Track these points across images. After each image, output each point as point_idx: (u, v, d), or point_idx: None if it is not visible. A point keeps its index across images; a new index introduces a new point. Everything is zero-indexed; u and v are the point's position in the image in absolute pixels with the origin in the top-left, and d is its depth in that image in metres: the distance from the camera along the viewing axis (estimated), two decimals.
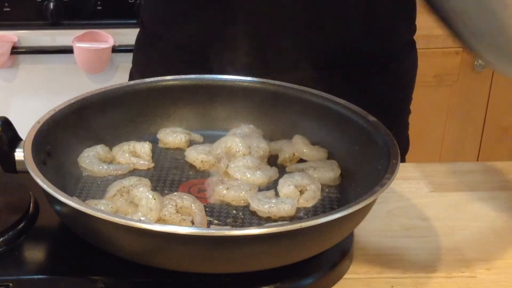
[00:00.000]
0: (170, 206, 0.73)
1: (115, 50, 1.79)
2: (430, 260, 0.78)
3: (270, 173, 0.82)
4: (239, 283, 0.68)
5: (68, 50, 1.79)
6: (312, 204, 0.77)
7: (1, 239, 0.72)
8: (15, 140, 0.75)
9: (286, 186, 0.78)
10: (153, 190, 0.75)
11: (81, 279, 0.68)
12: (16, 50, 1.80)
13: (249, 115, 0.90)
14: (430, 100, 1.98)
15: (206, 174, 0.83)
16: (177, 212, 0.73)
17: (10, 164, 0.74)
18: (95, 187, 0.79)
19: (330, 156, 0.85)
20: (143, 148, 0.84)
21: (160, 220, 0.72)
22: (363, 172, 0.78)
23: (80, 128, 0.83)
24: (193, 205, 0.74)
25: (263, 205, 0.75)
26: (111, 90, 0.86)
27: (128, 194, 0.75)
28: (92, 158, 0.81)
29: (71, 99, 0.83)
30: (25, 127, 0.77)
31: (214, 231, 0.63)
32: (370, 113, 0.82)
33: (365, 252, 0.79)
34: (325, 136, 0.86)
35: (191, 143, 0.88)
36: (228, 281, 0.68)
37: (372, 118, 0.81)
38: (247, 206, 0.76)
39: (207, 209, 0.75)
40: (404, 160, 1.14)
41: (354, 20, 1.00)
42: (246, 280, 0.68)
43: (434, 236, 0.83)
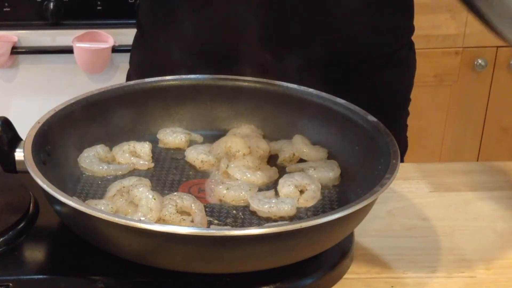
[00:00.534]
0: (170, 206, 0.73)
1: (115, 50, 1.79)
2: (430, 260, 0.78)
3: (270, 173, 0.82)
4: (239, 283, 0.68)
5: (68, 50, 1.79)
6: (312, 204, 0.77)
7: (1, 239, 0.72)
8: (15, 140, 0.75)
9: (286, 186, 0.78)
10: (153, 190, 0.75)
11: (81, 279, 0.68)
12: (16, 50, 1.80)
13: (249, 115, 0.90)
14: (430, 100, 1.97)
15: (206, 174, 0.83)
16: (177, 212, 0.73)
17: (10, 164, 0.74)
18: (95, 187, 0.79)
19: (330, 156, 0.85)
20: (143, 148, 0.84)
21: (160, 220, 0.72)
22: (363, 172, 0.78)
23: (80, 128, 0.83)
24: (193, 205, 0.74)
25: (263, 205, 0.75)
26: (111, 90, 0.86)
27: (128, 194, 0.75)
28: (92, 158, 0.81)
29: (71, 99, 0.83)
30: (25, 127, 0.77)
31: (214, 231, 0.63)
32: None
33: (365, 252, 0.79)
34: (325, 136, 0.86)
35: (191, 143, 0.88)
36: (228, 281, 0.68)
37: (372, 118, 0.81)
38: (247, 206, 0.76)
39: (207, 209, 0.75)
40: (402, 161, 1.14)
41: (351, 21, 1.00)
42: (246, 280, 0.68)
43: (434, 236, 0.82)
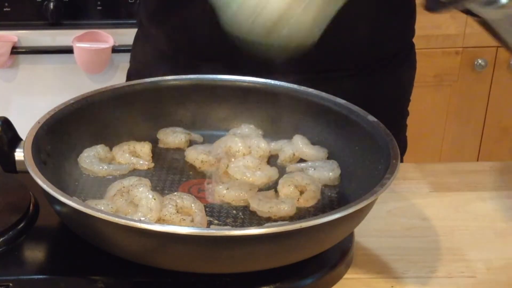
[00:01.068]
0: (170, 206, 0.73)
1: (115, 50, 1.79)
2: (430, 260, 0.78)
3: (270, 173, 0.82)
4: (239, 283, 0.68)
5: (68, 50, 1.79)
6: (312, 204, 0.77)
7: (1, 239, 0.72)
8: (15, 140, 0.75)
9: (286, 186, 0.78)
10: (153, 190, 0.75)
11: (81, 279, 0.68)
12: (16, 50, 1.80)
13: (249, 115, 0.90)
14: (430, 100, 1.97)
15: (206, 174, 0.83)
16: (177, 212, 0.73)
17: (10, 164, 0.74)
18: (95, 187, 0.79)
19: (330, 156, 0.85)
20: (143, 148, 0.84)
21: (160, 220, 0.72)
22: (363, 172, 0.78)
23: (80, 128, 0.83)
24: (193, 205, 0.74)
25: (263, 205, 0.75)
26: (111, 90, 0.86)
27: (128, 194, 0.75)
28: (92, 158, 0.81)
29: (71, 99, 0.83)
30: (25, 127, 0.77)
31: (214, 231, 0.63)
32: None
33: (365, 252, 0.79)
34: (325, 136, 0.86)
35: (191, 143, 0.88)
36: (228, 281, 0.68)
37: (372, 118, 0.81)
38: (247, 206, 0.76)
39: (207, 209, 0.75)
40: (402, 161, 1.14)
41: (352, 24, 0.99)
42: (246, 280, 0.68)
43: (434, 236, 0.82)
